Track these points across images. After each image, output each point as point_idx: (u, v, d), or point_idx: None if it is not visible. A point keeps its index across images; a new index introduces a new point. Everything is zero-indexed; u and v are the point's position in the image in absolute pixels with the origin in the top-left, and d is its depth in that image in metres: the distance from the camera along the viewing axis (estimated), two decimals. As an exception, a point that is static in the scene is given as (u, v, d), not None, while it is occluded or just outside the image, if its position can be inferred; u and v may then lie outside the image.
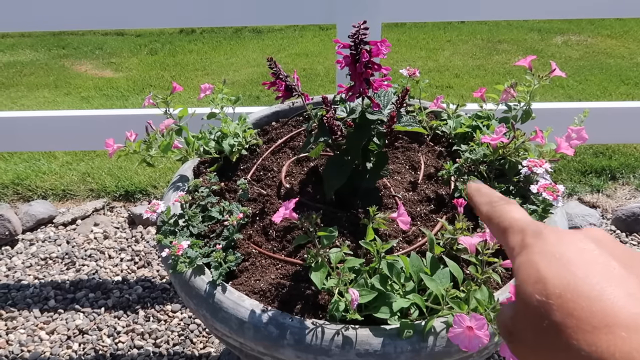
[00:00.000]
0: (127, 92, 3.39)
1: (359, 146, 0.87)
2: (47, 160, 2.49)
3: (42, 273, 1.79)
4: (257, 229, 0.90)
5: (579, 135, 0.99)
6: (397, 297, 0.70)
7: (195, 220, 0.87)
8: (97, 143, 1.79)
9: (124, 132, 1.03)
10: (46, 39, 4.51)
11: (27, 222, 2.04)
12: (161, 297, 1.67)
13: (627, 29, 4.16)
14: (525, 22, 4.46)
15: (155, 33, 4.60)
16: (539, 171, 0.87)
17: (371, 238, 0.76)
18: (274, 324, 0.71)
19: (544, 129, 1.02)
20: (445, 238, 0.79)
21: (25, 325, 1.58)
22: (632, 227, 1.94)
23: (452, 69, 3.56)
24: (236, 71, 3.68)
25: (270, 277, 0.79)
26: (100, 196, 2.24)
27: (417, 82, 1.16)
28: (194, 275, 0.79)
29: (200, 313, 0.77)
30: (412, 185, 0.99)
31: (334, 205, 0.93)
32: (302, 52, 4.02)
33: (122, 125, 1.38)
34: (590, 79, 3.29)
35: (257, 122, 1.21)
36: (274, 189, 1.00)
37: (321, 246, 0.72)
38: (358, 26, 0.71)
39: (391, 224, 0.89)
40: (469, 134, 1.06)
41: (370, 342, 0.68)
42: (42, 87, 3.50)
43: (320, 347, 0.69)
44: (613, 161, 2.35)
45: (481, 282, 0.71)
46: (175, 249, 0.76)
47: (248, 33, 4.53)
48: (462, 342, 0.61)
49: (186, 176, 1.02)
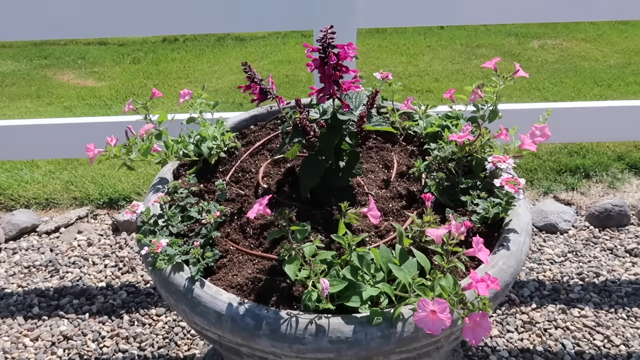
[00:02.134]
0: (110, 101, 3.40)
1: (331, 146, 0.91)
2: (30, 169, 2.49)
3: (25, 281, 1.79)
4: (234, 227, 0.93)
5: (543, 132, 1.05)
6: (367, 287, 0.74)
7: (175, 220, 0.90)
8: (80, 151, 1.81)
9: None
10: (27, 49, 4.50)
11: (9, 232, 2.04)
12: (145, 301, 1.68)
13: (600, 33, 4.28)
14: (503, 27, 4.56)
15: (138, 42, 4.61)
16: (503, 166, 0.91)
17: (343, 232, 0.79)
18: (251, 315, 0.74)
19: (512, 129, 1.07)
20: (414, 231, 0.83)
21: (9, 332, 1.58)
22: (605, 222, 2.00)
23: (432, 73, 3.63)
24: (219, 79, 3.71)
25: (247, 272, 0.83)
26: (83, 204, 2.25)
27: (390, 84, 1.20)
28: (173, 272, 0.82)
29: (180, 308, 0.79)
30: (385, 183, 1.03)
31: (309, 204, 0.96)
32: (285, 59, 4.07)
33: (104, 132, 1.39)
34: (565, 81, 3.38)
35: (236, 125, 1.24)
36: (251, 189, 1.04)
37: (295, 241, 0.76)
38: (326, 31, 0.75)
39: (364, 221, 0.93)
40: (439, 134, 1.10)
41: (342, 329, 0.72)
42: (24, 97, 3.50)
43: (294, 336, 0.72)
44: (587, 160, 2.43)
45: (447, 271, 0.75)
46: (155, 246, 0.79)
47: (231, 41, 4.56)
48: (426, 325, 0.65)
49: (166, 178, 1.05)
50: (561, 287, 1.72)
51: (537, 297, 1.68)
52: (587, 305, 1.65)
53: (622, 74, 3.46)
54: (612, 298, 1.68)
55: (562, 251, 1.88)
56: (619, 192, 2.25)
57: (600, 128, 1.77)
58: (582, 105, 1.70)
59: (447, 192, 0.96)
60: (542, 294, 1.70)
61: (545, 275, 1.78)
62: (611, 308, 1.64)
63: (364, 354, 0.72)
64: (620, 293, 1.70)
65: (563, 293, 1.70)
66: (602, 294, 1.70)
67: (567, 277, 1.77)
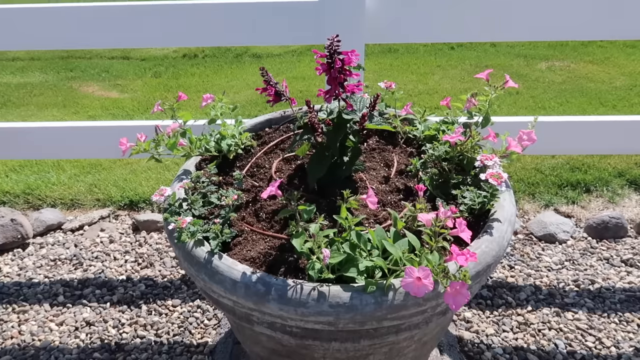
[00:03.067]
0: (132, 111, 3.57)
1: (336, 142, 1.02)
2: (57, 172, 2.65)
3: (51, 272, 1.92)
4: (249, 212, 1.05)
5: (529, 137, 1.15)
6: (364, 260, 0.85)
7: (197, 205, 1.02)
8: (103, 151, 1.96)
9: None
10: (55, 62, 4.72)
11: (37, 228, 2.18)
12: (162, 293, 1.80)
13: (608, 56, 4.38)
14: (512, 48, 4.69)
15: (159, 57, 4.82)
16: (490, 164, 1.02)
17: (344, 215, 0.91)
18: (261, 282, 0.85)
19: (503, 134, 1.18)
20: (407, 216, 0.94)
21: (36, 317, 1.70)
22: (602, 234, 2.08)
23: (441, 91, 3.75)
24: (236, 93, 3.87)
25: (259, 248, 0.94)
26: (106, 205, 2.38)
27: (393, 93, 1.32)
28: (195, 246, 0.94)
29: (200, 277, 0.91)
30: (385, 179, 1.15)
31: (316, 194, 1.08)
32: (299, 75, 4.23)
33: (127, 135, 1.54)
34: (571, 101, 3.48)
35: (252, 127, 1.37)
36: (265, 182, 1.16)
37: (301, 220, 0.87)
38: (332, 39, 0.88)
39: (364, 210, 1.04)
40: (436, 137, 1.22)
41: (340, 296, 0.82)
42: (51, 106, 3.69)
43: (299, 300, 0.83)
44: (588, 175, 2.51)
45: (434, 249, 0.86)
46: (180, 222, 0.91)
47: (248, 58, 4.75)
48: (412, 289, 0.75)
49: (189, 170, 1.18)
50: (557, 292, 1.80)
51: (533, 301, 1.77)
52: (581, 310, 1.73)
53: (627, 95, 3.55)
54: (605, 304, 1.75)
55: (560, 259, 1.97)
56: (618, 206, 2.33)
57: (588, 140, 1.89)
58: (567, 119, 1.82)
59: (440, 186, 1.07)
60: (538, 297, 1.78)
61: (542, 281, 1.86)
62: (604, 313, 1.72)
63: (359, 318, 0.83)
64: (614, 299, 1.77)
65: (558, 298, 1.78)
66: (596, 299, 1.78)
67: (563, 283, 1.85)
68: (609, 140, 1.91)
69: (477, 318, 1.69)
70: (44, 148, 2.00)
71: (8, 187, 2.48)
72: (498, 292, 1.80)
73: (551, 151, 2.10)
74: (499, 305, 1.75)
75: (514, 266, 1.92)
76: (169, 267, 1.93)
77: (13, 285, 1.85)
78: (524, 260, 1.96)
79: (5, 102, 3.79)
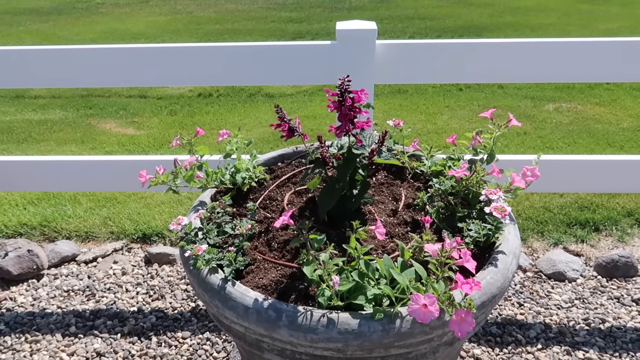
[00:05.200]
0: (147, 147, 3.67)
1: (346, 175, 1.07)
2: (73, 205, 2.71)
3: (64, 303, 1.95)
4: (262, 241, 1.09)
5: (533, 173, 1.19)
6: (372, 288, 0.88)
7: (212, 234, 1.06)
8: (123, 184, 2.03)
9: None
10: (75, 101, 4.89)
11: (52, 259, 2.22)
12: (172, 325, 1.82)
13: (614, 98, 4.45)
14: (520, 90, 4.78)
15: (175, 96, 4.97)
16: (494, 197, 1.06)
17: (354, 245, 0.94)
18: (273, 309, 0.88)
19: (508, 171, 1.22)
20: (414, 247, 0.98)
21: (48, 347, 1.73)
22: (612, 273, 2.08)
23: (450, 131, 3.82)
24: (249, 131, 3.97)
25: (271, 276, 0.97)
26: (119, 238, 2.43)
27: (401, 130, 1.38)
28: (209, 274, 0.97)
29: (214, 304, 0.94)
30: (393, 212, 1.18)
31: (326, 225, 1.12)
32: (311, 114, 4.34)
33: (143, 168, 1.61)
34: (578, 142, 3.52)
35: (266, 162, 1.42)
36: (277, 213, 1.20)
37: (312, 248, 0.91)
38: (343, 79, 0.94)
39: (372, 241, 1.07)
40: (442, 172, 1.26)
41: (349, 322, 0.85)
42: (69, 142, 3.80)
43: (309, 326, 0.85)
44: (597, 214, 2.52)
45: (440, 279, 0.89)
46: (196, 250, 0.95)
47: (261, 97, 4.89)
48: (418, 316, 0.78)
49: (205, 202, 1.23)
50: (567, 331, 1.79)
51: (543, 339, 1.76)
52: (592, 349, 1.71)
53: (634, 137, 3.58)
54: (617, 343, 1.74)
55: (570, 298, 1.96)
56: (628, 245, 2.32)
57: (596, 179, 1.92)
58: (574, 158, 1.86)
59: (446, 219, 1.10)
60: (548, 336, 1.77)
61: (551, 319, 1.85)
62: (615, 352, 1.70)
63: (367, 345, 0.85)
64: (625, 339, 1.75)
65: (569, 336, 1.77)
66: (607, 339, 1.76)
67: (573, 321, 1.84)
68: (617, 179, 1.94)
69: (486, 355, 1.68)
70: (62, 181, 2.07)
71: (26, 219, 2.54)
72: (507, 330, 1.79)
73: (559, 189, 2.13)
74: (509, 342, 1.74)
75: (523, 304, 1.92)
76: (179, 299, 1.95)
77: (27, 315, 1.88)
78: (533, 298, 1.95)
79: (26, 137, 3.92)
